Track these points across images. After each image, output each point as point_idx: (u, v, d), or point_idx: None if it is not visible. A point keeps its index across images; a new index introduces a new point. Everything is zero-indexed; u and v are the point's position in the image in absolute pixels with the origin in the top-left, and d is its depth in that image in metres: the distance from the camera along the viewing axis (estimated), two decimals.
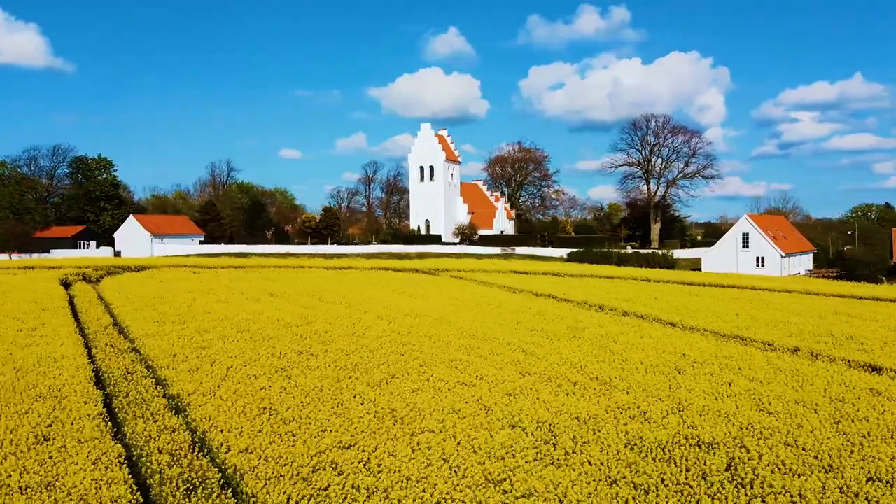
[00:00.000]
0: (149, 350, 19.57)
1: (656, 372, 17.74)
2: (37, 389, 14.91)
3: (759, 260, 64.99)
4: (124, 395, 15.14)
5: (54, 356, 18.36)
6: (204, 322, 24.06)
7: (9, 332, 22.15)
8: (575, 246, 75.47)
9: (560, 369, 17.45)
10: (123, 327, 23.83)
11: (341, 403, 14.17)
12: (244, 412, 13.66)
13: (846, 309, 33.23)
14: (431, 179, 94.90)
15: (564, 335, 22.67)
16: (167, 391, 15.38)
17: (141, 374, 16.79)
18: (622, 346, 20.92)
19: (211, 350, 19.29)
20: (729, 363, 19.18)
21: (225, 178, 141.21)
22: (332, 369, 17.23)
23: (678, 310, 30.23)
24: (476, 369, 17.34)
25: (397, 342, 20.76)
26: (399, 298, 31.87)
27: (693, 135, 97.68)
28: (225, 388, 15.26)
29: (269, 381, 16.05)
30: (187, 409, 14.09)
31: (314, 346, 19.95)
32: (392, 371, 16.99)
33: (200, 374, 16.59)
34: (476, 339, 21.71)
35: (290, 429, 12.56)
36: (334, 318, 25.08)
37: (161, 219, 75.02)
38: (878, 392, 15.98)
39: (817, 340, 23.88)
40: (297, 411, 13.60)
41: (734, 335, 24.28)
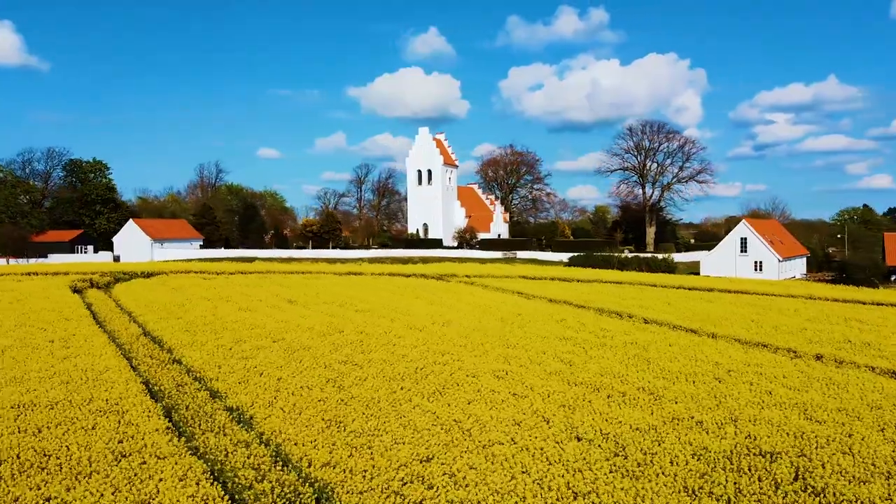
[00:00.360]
0: (191, 361, 19.62)
1: (696, 381, 18.12)
2: (94, 404, 14.95)
3: (756, 264, 66.03)
4: (184, 408, 15.24)
5: (97, 368, 18.37)
6: (236, 332, 24.12)
7: (40, 343, 22.08)
8: (574, 250, 76.08)
9: (604, 380, 17.78)
10: (156, 337, 23.82)
11: (403, 415, 14.38)
12: (310, 424, 13.83)
13: (855, 314, 33.96)
14: (429, 183, 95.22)
15: (595, 344, 23.02)
16: (225, 403, 15.49)
17: (194, 387, 16.88)
18: (655, 355, 21.29)
19: (254, 361, 19.39)
20: (762, 371, 19.63)
21: (214, 180, 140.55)
22: (381, 380, 17.42)
23: (696, 317, 30.73)
24: (522, 379, 17.63)
25: (434, 351, 20.99)
26: (420, 305, 32.07)
27: (687, 140, 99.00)
28: (282, 401, 15.40)
29: (322, 392, 16.21)
30: (252, 421, 14.22)
31: (354, 356, 20.12)
32: (440, 381, 17.21)
33: (253, 386, 16.71)
34: (511, 348, 22.00)
35: (363, 441, 12.76)
36: (364, 327, 25.25)
37: (160, 223, 74.47)
38: None
39: (837, 347, 24.45)
40: (362, 423, 13.80)
41: (757, 342, 24.77)
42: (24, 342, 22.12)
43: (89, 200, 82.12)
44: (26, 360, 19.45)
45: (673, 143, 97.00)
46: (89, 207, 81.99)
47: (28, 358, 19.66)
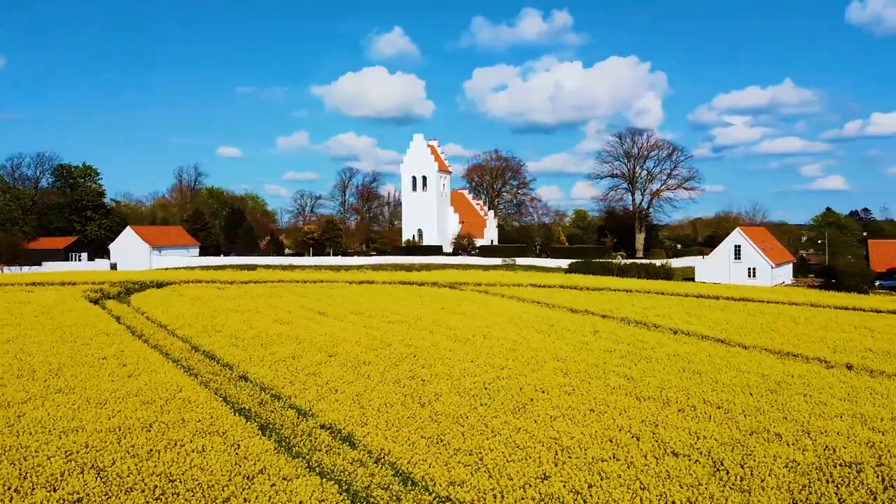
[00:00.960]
0: (258, 377, 19.85)
1: (754, 394, 18.94)
2: (190, 425, 15.16)
3: (750, 270, 67.91)
4: (279, 426, 15.57)
5: (169, 387, 18.51)
6: (285, 346, 24.35)
7: (93, 361, 22.06)
8: (570, 256, 77.15)
9: (669, 394, 18.49)
10: (207, 352, 23.92)
11: (497, 432, 14.89)
12: (412, 442, 14.26)
13: (862, 322, 35.38)
14: (424, 189, 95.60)
15: (641, 356, 23.77)
16: (317, 421, 15.82)
17: (277, 405, 17.20)
18: (702, 367, 22.10)
19: (322, 377, 19.69)
20: (807, 382, 20.54)
21: (193, 184, 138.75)
22: (455, 395, 17.89)
23: (717, 326, 31.75)
24: (590, 394, 18.24)
25: (491, 365, 21.53)
26: (449, 316, 32.54)
27: (675, 148, 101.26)
28: (374, 418, 15.79)
29: (406, 408, 16.64)
30: (352, 439, 14.59)
31: (417, 371, 20.55)
32: (516, 398, 17.74)
33: (334, 403, 17.05)
34: (562, 361, 22.62)
35: (474, 459, 13.24)
36: (409, 340, 25.66)
37: (157, 230, 73.46)
38: None
39: (862, 356, 25.57)
40: (462, 440, 14.27)
41: (787, 352, 25.81)
42: (76, 360, 22.06)
43: (80, 206, 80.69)
44: (91, 378, 19.46)
45: (662, 151, 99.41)
46: (80, 214, 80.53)
47: (91, 377, 19.67)
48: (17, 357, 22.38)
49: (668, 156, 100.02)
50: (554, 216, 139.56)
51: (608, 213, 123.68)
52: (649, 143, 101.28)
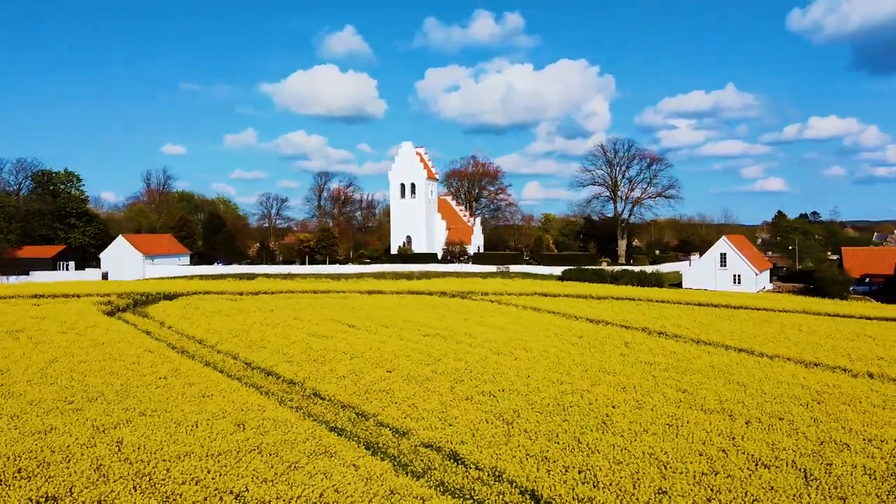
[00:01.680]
0: (332, 394, 20.27)
1: (801, 404, 20.18)
2: (300, 446, 15.57)
3: (735, 277, 70.49)
4: (381, 445, 16.13)
5: (248, 406, 18.82)
6: (339, 361, 24.72)
7: (152, 380, 22.13)
8: (560, 263, 78.62)
9: (731, 406, 19.58)
10: (263, 368, 24.15)
11: (597, 449, 15.68)
12: (518, 458, 14.95)
13: (860, 330, 37.40)
14: (413, 196, 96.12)
15: (682, 368, 24.88)
16: (417, 439, 16.36)
17: (369, 423, 17.69)
18: (743, 379, 23.29)
19: (395, 394, 20.22)
20: (845, 391, 21.86)
21: (162, 187, 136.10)
22: (535, 412, 18.62)
23: (733, 335, 33.21)
24: (660, 409, 19.19)
25: (549, 380, 22.34)
26: (479, 329, 33.24)
27: (655, 158, 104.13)
28: (468, 435, 16.43)
29: (494, 426, 17.32)
30: (460, 457, 15.19)
31: (482, 387, 21.23)
32: (593, 413, 18.56)
33: (422, 421, 17.60)
34: (611, 374, 23.59)
35: (589, 477, 14.00)
36: (457, 355, 26.28)
37: (147, 238, 71.88)
38: None
39: (878, 365, 27.18)
40: (568, 458, 15.02)
41: (810, 362, 27.34)
42: (138, 380, 22.05)
43: (63, 214, 78.57)
44: (165, 400, 19.57)
45: (644, 161, 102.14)
46: (63, 221, 78.44)
47: (165, 398, 19.78)
48: (74, 378, 22.26)
49: (648, 165, 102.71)
50: (523, 220, 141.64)
51: (585, 220, 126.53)
52: (630, 153, 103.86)
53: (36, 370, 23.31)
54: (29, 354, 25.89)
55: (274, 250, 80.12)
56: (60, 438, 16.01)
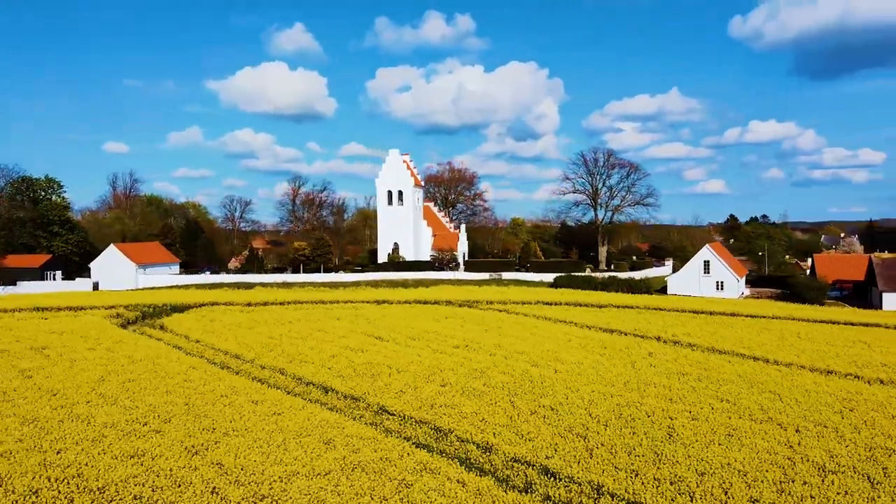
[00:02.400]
0: (398, 409, 20.84)
1: (836, 411, 21.61)
2: (398, 463, 16.20)
3: (718, 283, 73.15)
4: (473, 460, 16.81)
5: (324, 423, 19.31)
6: (390, 376, 25.24)
7: (212, 398, 22.35)
8: (547, 270, 79.98)
9: (774, 415, 20.90)
10: (318, 384, 24.52)
11: (676, 460, 16.67)
12: (612, 473, 15.85)
13: (857, 336, 39.59)
14: (400, 203, 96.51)
15: (714, 378, 26.18)
16: (504, 454, 17.10)
17: (453, 438, 18.33)
18: (773, 387, 24.73)
19: (460, 408, 20.89)
20: (868, 399, 23.40)
21: (128, 191, 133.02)
22: (601, 425, 19.57)
23: (743, 343, 34.78)
24: (713, 419, 20.37)
25: (600, 392, 23.33)
26: (504, 340, 34.08)
27: (634, 168, 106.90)
28: (549, 450, 17.26)
29: (571, 440, 18.20)
30: (552, 471, 15.99)
31: (540, 401, 22.09)
32: (655, 425, 19.62)
33: (499, 437, 18.35)
34: (653, 386, 24.74)
35: (683, 488, 15.00)
36: (499, 368, 27.08)
37: (138, 247, 70.29)
38: None
39: (884, 371, 29.01)
40: (657, 470, 15.99)
41: (823, 369, 29.00)
42: (199, 399, 22.21)
43: (46, 221, 76.31)
44: (239, 419, 19.86)
45: (623, 170, 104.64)
46: (45, 229, 76.18)
47: (238, 417, 20.05)
48: (133, 398, 22.31)
49: (627, 174, 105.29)
50: (495, 225, 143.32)
51: (562, 225, 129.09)
52: (610, 162, 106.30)
53: (88, 389, 23.22)
54: (72, 374, 25.68)
55: (260, 257, 79.32)
56: (157, 462, 16.25)
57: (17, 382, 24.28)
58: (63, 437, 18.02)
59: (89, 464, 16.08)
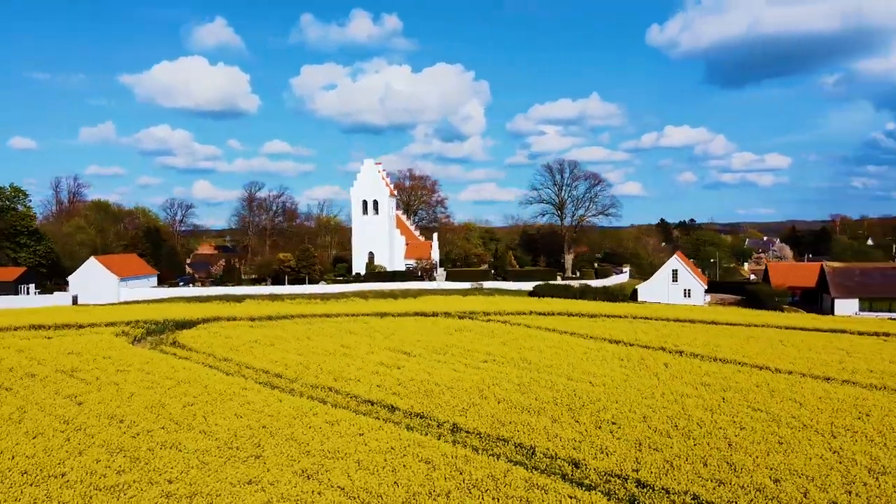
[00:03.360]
0: (471, 427, 21.78)
1: (855, 417, 23.87)
2: (511, 482, 17.19)
3: (686, 291, 77.03)
4: (569, 475, 17.97)
5: (413, 442, 20.07)
6: (440, 392, 26.07)
7: (291, 421, 22.70)
8: (522, 278, 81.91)
9: (809, 422, 23.00)
10: (378, 402, 25.10)
11: (749, 468, 18.36)
12: (696, 481, 17.35)
13: (831, 343, 42.83)
14: (376, 213, 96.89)
15: (733, 388, 28.26)
16: (593, 469, 18.34)
17: (541, 454, 19.46)
18: (791, 395, 26.96)
19: (532, 424, 22.02)
20: (878, 405, 25.89)
21: (73, 196, 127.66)
22: (665, 438, 21.11)
23: (741, 351, 37.24)
24: (761, 429, 22.27)
25: (648, 405, 24.95)
26: (528, 354, 35.30)
27: (598, 180, 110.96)
28: (635, 461, 18.66)
29: (651, 454, 19.66)
30: (648, 484, 17.38)
31: (598, 415, 23.47)
32: (715, 436, 21.31)
33: (580, 453, 19.59)
34: (684, 396, 26.57)
35: (766, 495, 16.66)
36: (540, 383, 28.34)
37: (119, 259, 67.57)
38: None
39: (876, 376, 31.85)
40: (735, 478, 17.58)
41: (819, 376, 31.60)
42: (270, 421, 22.53)
43: (12, 232, 72.46)
44: (329, 441, 20.36)
45: (588, 181, 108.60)
46: (12, 240, 72.34)
47: (328, 439, 20.55)
48: (206, 423, 22.45)
49: (592, 186, 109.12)
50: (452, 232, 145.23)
51: (523, 233, 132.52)
52: (574, 174, 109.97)
53: (153, 415, 23.08)
54: (124, 399, 25.33)
55: (237, 267, 77.62)
56: (279, 488, 16.67)
57: (74, 409, 23.88)
58: (165, 467, 18.13)
59: (211, 493, 16.37)
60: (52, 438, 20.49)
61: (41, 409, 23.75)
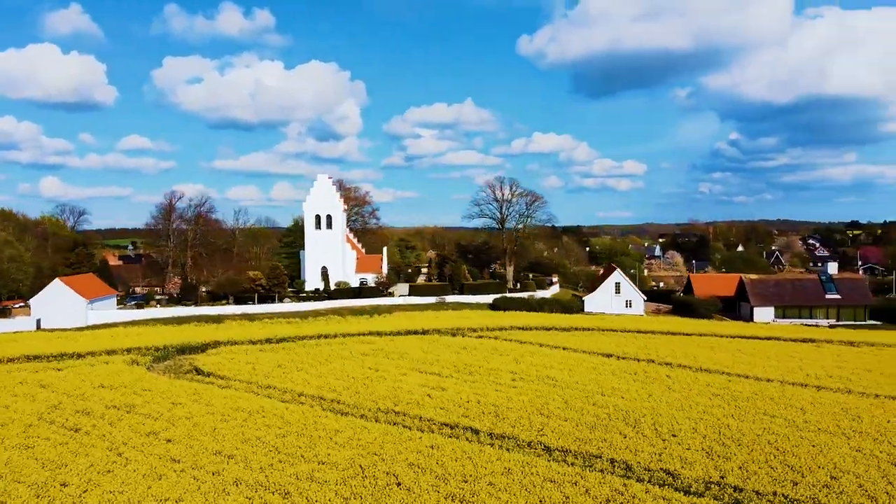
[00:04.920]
0: (562, 444, 24.10)
1: (853, 419, 28.63)
2: (645, 498, 19.73)
3: (627, 302, 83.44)
4: (693, 489, 20.77)
5: (524, 466, 22.11)
6: (506, 414, 28.14)
7: (393, 449, 23.90)
8: (477, 291, 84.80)
9: (837, 428, 27.34)
10: (452, 425, 26.71)
11: (811, 469, 22.02)
12: (784, 486, 20.74)
13: (779, 350, 49.01)
14: (329, 228, 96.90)
15: (743, 397, 32.45)
16: (688, 475, 21.26)
17: (640, 470, 22.09)
18: (795, 403, 31.51)
19: (611, 441, 24.65)
20: (858, 406, 30.99)
21: None
22: (726, 448, 24.50)
23: (715, 361, 42.10)
24: (787, 434, 26.23)
25: (685, 417, 28.38)
26: (542, 371, 37.87)
27: (537, 197, 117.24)
28: (722, 472, 21.80)
29: (728, 464, 22.91)
30: (742, 488, 20.51)
31: (660, 430, 26.53)
32: (759, 441, 24.95)
33: (665, 462, 22.46)
34: (709, 408, 30.34)
35: (837, 486, 20.31)
36: (586, 400, 31.11)
37: (83, 280, 62.54)
38: None
39: (841, 382, 37.43)
40: (811, 476, 21.16)
41: (795, 382, 36.72)
42: (379, 449, 23.64)
43: None
44: (464, 470, 21.91)
45: (527, 198, 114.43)
46: None
47: (451, 466, 22.09)
48: (316, 456, 23.05)
49: (530, 203, 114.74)
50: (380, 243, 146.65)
51: (458, 245, 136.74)
52: (515, 191, 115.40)
53: (262, 451, 23.15)
54: (210, 435, 25.19)
55: (196, 285, 74.28)
56: None
57: (169, 447, 23.71)
58: (323, 499, 19.02)
59: None
60: (178, 481, 20.54)
61: (138, 450, 23.38)
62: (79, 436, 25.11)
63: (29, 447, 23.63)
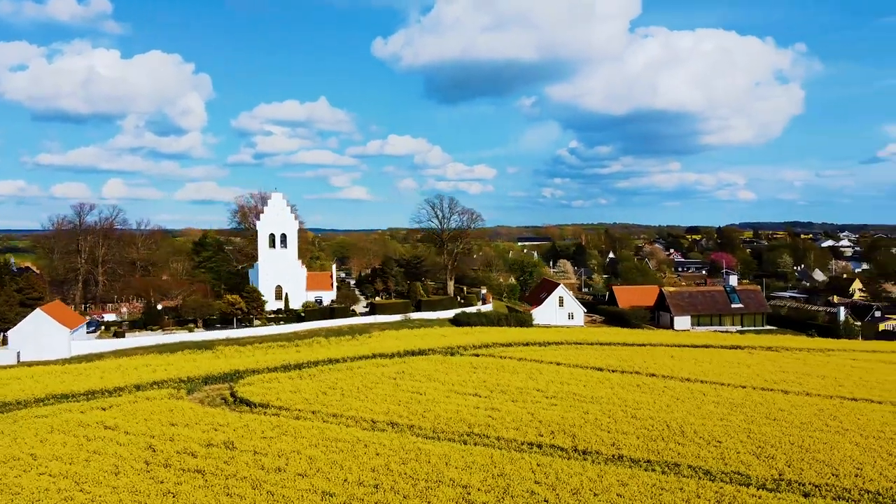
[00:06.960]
0: (693, 463, 27.92)
1: (844, 416, 35.03)
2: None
3: (570, 314, 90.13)
4: (791, 489, 25.21)
5: (654, 485, 25.66)
6: (580, 430, 31.49)
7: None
8: (433, 307, 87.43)
9: (844, 428, 33.36)
10: (532, 443, 29.57)
11: (842, 461, 27.43)
12: (874, 485, 25.88)
13: (727, 357, 56.34)
14: (284, 246, 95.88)
15: (744, 405, 38.19)
16: (764, 477, 25.83)
17: (726, 474, 26.31)
18: (785, 407, 37.67)
19: (696, 452, 28.82)
20: (837, 408, 37.75)
21: None
22: (772, 449, 29.49)
23: (692, 371, 48.27)
24: (813, 436, 31.84)
25: (717, 424, 33.34)
26: (559, 388, 41.65)
27: (472, 214, 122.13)
28: (790, 469, 26.62)
29: (773, 464, 27.83)
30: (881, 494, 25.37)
31: (714, 436, 31.13)
32: (787, 442, 30.20)
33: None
34: (726, 415, 35.65)
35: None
36: (628, 415, 35.14)
37: (56, 308, 56.33)
38: None
39: (798, 385, 44.70)
40: (872, 470, 26.52)
41: (761, 387, 43.36)
42: (508, 472, 26.06)
43: None
44: (588, 478, 24.88)
45: (464, 216, 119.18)
46: None
47: (596, 484, 25.03)
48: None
49: (466, 220, 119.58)
50: None
51: (393, 259, 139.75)
52: (451, 208, 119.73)
53: (399, 487, 24.75)
54: (339, 466, 26.12)
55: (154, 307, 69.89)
56: None
57: (328, 484, 24.58)
58: None
59: None
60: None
61: (287, 488, 23.88)
62: (210, 478, 25.13)
63: (174, 494, 23.49)
